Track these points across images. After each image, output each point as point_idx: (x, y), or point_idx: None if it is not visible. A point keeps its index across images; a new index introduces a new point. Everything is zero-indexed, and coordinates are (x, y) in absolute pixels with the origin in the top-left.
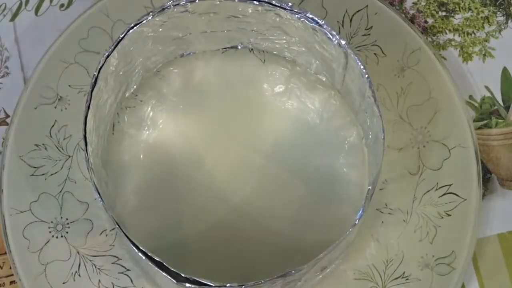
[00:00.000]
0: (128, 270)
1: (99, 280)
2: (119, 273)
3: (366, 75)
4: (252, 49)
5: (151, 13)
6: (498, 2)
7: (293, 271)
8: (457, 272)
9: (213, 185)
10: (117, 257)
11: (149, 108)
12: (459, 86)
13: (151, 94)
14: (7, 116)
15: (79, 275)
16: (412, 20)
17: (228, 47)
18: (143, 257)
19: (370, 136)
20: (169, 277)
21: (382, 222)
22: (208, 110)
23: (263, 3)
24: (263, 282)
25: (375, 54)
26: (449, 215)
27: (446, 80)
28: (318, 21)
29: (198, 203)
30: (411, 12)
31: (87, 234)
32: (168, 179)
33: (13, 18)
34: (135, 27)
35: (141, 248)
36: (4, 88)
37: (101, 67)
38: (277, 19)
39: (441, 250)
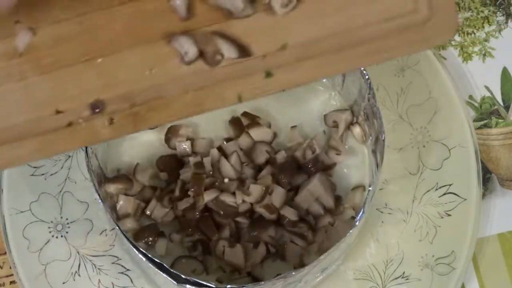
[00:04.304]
0: (128, 270)
1: (99, 280)
2: (119, 273)
3: (366, 76)
4: None
5: None
6: (498, 2)
7: (293, 272)
8: (457, 272)
9: None
10: (117, 257)
11: None
12: (459, 86)
13: None
14: None
15: (79, 275)
16: None
17: None
18: (143, 259)
19: (371, 137)
20: (169, 278)
21: (382, 222)
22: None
23: None
24: (263, 283)
25: None
26: (449, 215)
27: (446, 80)
28: None
29: None
30: None
31: (87, 234)
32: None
33: None
34: None
35: (141, 249)
36: None
37: None
38: None
39: (441, 250)
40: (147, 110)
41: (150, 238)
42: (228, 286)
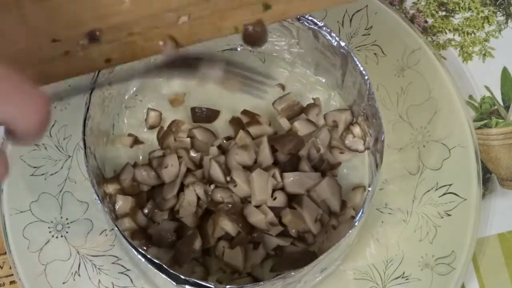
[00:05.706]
0: (128, 270)
1: (99, 280)
2: (119, 273)
3: (366, 77)
4: (252, 50)
5: None
6: (498, 2)
7: (292, 273)
8: (457, 272)
9: None
10: (117, 257)
11: (148, 109)
12: (459, 86)
13: (151, 95)
14: None
15: (79, 275)
16: (412, 20)
17: (227, 49)
18: (143, 259)
19: (371, 137)
20: (168, 279)
21: (382, 222)
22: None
23: None
24: (263, 283)
25: (375, 54)
26: (449, 215)
27: (446, 80)
28: (318, 23)
29: None
30: (411, 12)
31: (87, 234)
32: None
33: None
34: None
35: (140, 250)
36: None
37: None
38: None
39: (441, 250)
40: (144, 39)
41: (143, 241)
42: (228, 286)
